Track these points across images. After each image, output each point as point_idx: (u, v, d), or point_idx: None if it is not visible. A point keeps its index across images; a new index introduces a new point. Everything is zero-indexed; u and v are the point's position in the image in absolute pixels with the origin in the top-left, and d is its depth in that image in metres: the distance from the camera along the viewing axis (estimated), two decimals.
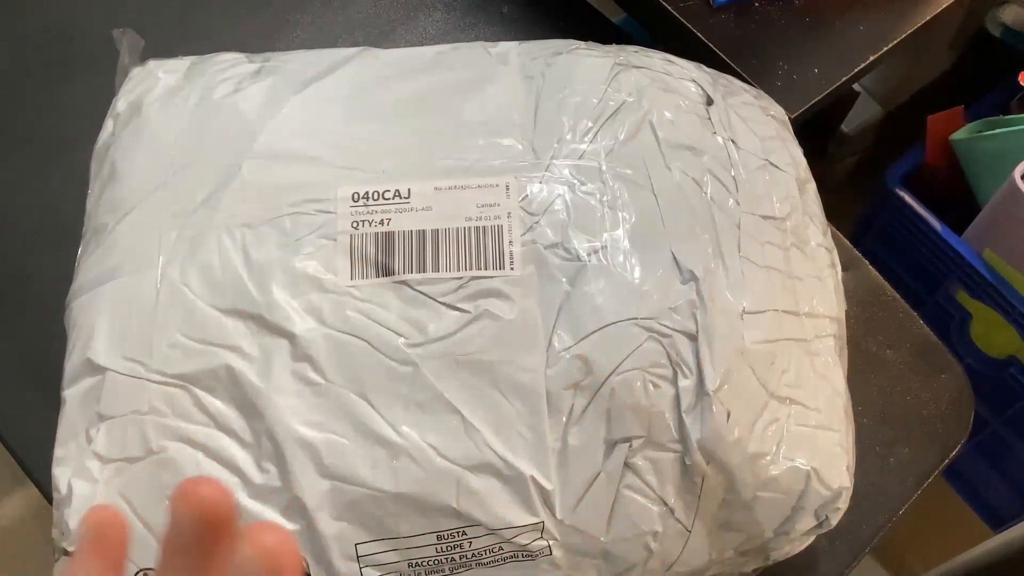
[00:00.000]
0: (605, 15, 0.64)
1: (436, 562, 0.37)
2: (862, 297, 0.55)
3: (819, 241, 0.45)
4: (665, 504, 0.37)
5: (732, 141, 0.44)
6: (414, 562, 0.37)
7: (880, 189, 0.88)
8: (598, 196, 0.40)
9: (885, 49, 0.59)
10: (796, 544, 0.41)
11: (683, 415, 0.37)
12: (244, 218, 0.39)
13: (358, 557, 0.36)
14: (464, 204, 0.39)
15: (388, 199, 0.39)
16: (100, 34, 0.50)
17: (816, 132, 0.91)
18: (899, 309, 0.55)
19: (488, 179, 0.40)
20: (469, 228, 0.39)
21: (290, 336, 0.37)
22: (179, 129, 0.42)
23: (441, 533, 0.36)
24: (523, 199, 0.39)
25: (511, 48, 0.46)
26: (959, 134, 0.82)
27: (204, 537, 0.21)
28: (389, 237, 0.38)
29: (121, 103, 0.45)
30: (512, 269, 0.38)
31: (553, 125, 0.42)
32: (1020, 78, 0.83)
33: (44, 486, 0.43)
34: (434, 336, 0.37)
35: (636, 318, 0.37)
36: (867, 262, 0.56)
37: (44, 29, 0.62)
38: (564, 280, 0.38)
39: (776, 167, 0.44)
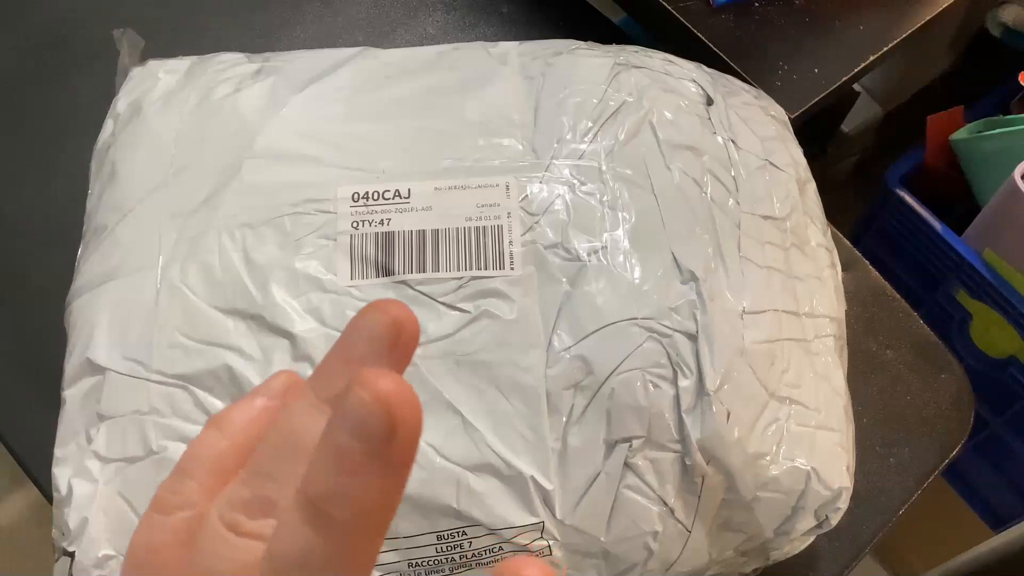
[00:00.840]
0: (605, 15, 0.64)
1: (436, 562, 0.37)
2: (862, 297, 0.55)
3: (819, 241, 0.45)
4: (665, 504, 0.37)
5: (732, 141, 0.44)
6: (414, 562, 0.37)
7: (880, 189, 0.88)
8: (598, 196, 0.40)
9: (885, 49, 0.59)
10: (796, 544, 0.41)
11: (683, 415, 0.37)
12: (244, 218, 0.39)
13: None
14: (464, 204, 0.39)
15: (388, 199, 0.39)
16: (100, 34, 0.50)
17: (816, 132, 0.90)
18: (899, 309, 0.55)
19: (488, 179, 0.40)
20: (469, 228, 0.39)
21: (290, 336, 0.37)
22: (179, 129, 0.42)
23: (441, 533, 0.36)
24: (523, 199, 0.39)
25: (511, 48, 0.46)
26: (959, 134, 0.82)
27: (381, 351, 0.19)
28: (389, 237, 0.38)
29: (121, 103, 0.45)
30: (512, 269, 0.38)
31: (553, 125, 0.42)
32: (1020, 78, 0.83)
33: (44, 486, 0.43)
34: (434, 336, 0.37)
35: (636, 318, 0.37)
36: (867, 262, 0.56)
37: (44, 29, 0.62)
38: (564, 280, 0.38)
39: (776, 167, 0.44)
